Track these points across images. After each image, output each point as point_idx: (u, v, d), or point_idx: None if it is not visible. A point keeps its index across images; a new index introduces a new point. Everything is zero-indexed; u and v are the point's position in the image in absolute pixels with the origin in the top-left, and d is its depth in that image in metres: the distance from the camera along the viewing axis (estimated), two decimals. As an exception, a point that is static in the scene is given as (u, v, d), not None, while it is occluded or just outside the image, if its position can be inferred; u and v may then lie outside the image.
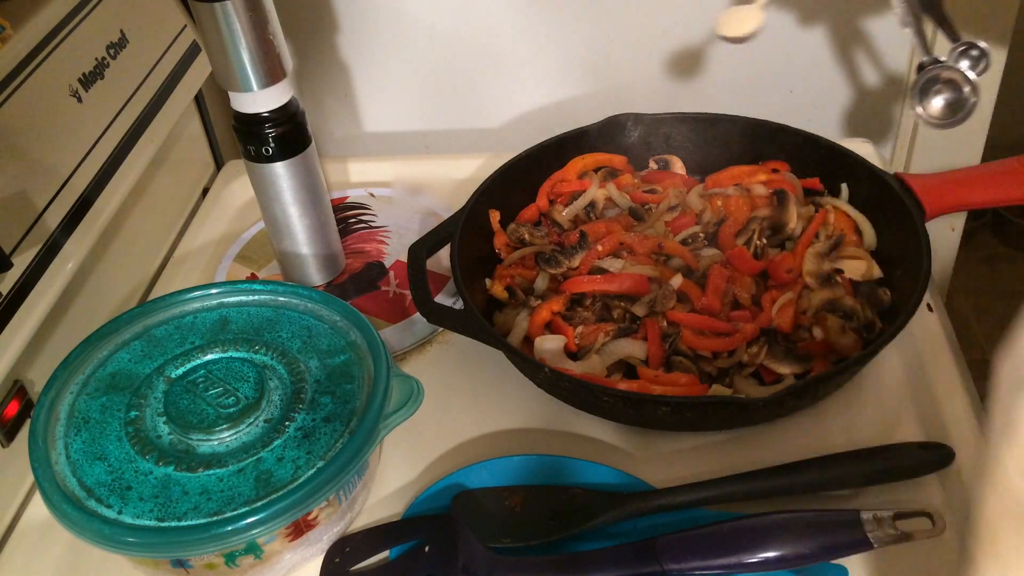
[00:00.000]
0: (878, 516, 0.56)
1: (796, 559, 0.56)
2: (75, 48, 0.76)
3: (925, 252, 0.72)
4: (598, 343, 0.73)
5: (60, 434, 0.61)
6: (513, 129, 1.13)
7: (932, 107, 0.68)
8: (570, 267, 0.80)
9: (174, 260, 0.93)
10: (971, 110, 0.68)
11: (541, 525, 0.62)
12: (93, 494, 0.57)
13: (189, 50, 0.94)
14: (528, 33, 1.06)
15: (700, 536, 0.58)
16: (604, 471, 0.66)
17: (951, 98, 0.68)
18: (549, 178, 0.88)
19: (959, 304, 2.04)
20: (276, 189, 0.79)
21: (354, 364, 0.65)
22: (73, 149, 0.74)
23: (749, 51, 1.05)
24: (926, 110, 0.69)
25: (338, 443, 0.59)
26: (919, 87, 0.68)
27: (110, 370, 0.65)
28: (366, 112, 1.15)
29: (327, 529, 0.62)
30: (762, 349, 0.72)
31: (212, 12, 0.68)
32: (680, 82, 1.09)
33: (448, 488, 0.66)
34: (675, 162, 0.91)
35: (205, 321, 0.69)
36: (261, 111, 0.75)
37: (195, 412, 0.61)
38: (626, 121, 0.91)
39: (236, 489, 0.57)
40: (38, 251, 0.68)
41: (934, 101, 0.69)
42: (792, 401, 0.68)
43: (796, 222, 0.81)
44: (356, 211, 0.97)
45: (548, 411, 0.72)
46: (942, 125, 0.69)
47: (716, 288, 0.75)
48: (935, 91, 0.68)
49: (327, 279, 0.87)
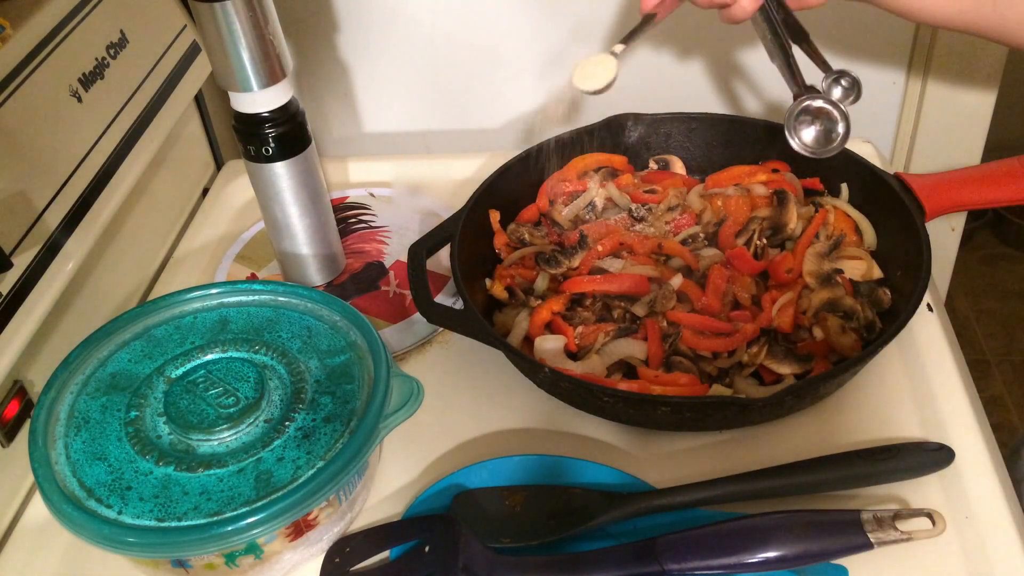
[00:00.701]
0: (878, 516, 0.56)
1: (796, 559, 0.56)
2: (75, 48, 0.76)
3: (925, 252, 0.72)
4: (598, 343, 0.73)
5: (60, 434, 0.61)
6: (513, 129, 1.13)
7: (804, 137, 0.69)
8: (570, 267, 0.80)
9: (174, 260, 0.93)
10: (843, 141, 0.69)
11: (541, 525, 0.62)
12: (93, 494, 0.57)
13: (189, 50, 0.94)
14: (528, 33, 1.06)
15: (700, 536, 0.58)
16: (604, 471, 0.66)
17: (822, 128, 0.68)
18: (549, 178, 0.88)
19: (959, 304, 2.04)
20: (276, 189, 0.79)
21: (354, 364, 0.65)
22: (73, 149, 0.74)
23: (749, 51, 1.05)
24: (800, 140, 0.69)
25: (338, 443, 0.59)
26: (792, 118, 0.68)
27: (110, 370, 0.65)
28: (366, 112, 1.15)
29: (327, 529, 0.62)
30: (762, 349, 0.72)
31: (212, 12, 0.68)
32: (680, 82, 1.09)
33: (448, 488, 0.66)
34: (675, 162, 0.91)
35: (205, 321, 0.69)
36: (261, 111, 0.75)
37: (195, 412, 0.61)
38: (626, 121, 0.91)
39: (236, 489, 0.57)
40: (38, 251, 0.68)
41: (805, 132, 0.69)
42: (792, 401, 0.68)
43: (796, 222, 0.81)
44: (356, 211, 0.97)
45: (548, 411, 0.72)
46: (816, 154, 0.69)
47: (716, 288, 0.75)
48: (807, 121, 0.69)
49: (327, 279, 0.87)
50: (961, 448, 0.65)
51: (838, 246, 0.79)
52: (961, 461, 0.65)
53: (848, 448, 0.65)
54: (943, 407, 0.70)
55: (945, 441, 0.66)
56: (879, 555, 0.56)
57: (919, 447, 0.66)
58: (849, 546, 0.57)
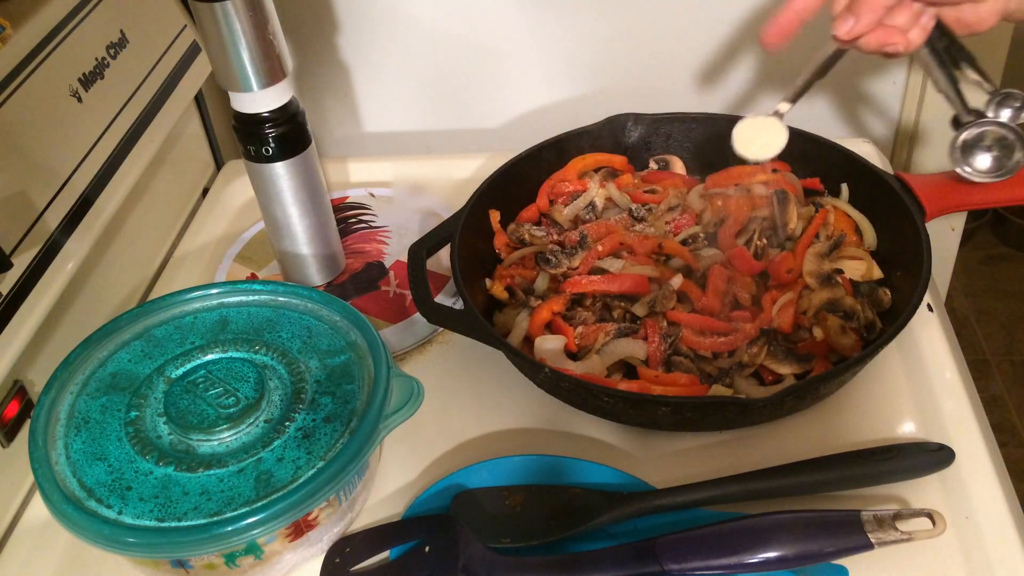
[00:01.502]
0: (878, 516, 0.56)
1: (796, 559, 0.56)
2: (75, 48, 0.76)
3: (925, 252, 0.72)
4: (598, 343, 0.73)
5: (60, 434, 0.61)
6: (513, 129, 1.13)
7: (978, 164, 0.66)
8: (570, 267, 0.80)
9: (174, 260, 0.93)
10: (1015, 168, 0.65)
11: (541, 525, 0.62)
12: (93, 494, 0.57)
13: (189, 50, 0.94)
14: (528, 33, 1.06)
15: (700, 536, 0.58)
16: (604, 471, 0.66)
17: (997, 153, 0.65)
18: (549, 178, 0.88)
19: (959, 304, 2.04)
20: (276, 189, 0.79)
21: (354, 364, 0.65)
22: (73, 149, 0.74)
23: (750, 51, 1.05)
24: (973, 167, 0.66)
25: (338, 443, 0.59)
26: (959, 146, 0.65)
27: (110, 370, 0.65)
28: (366, 112, 1.15)
29: (327, 529, 0.62)
30: (762, 349, 0.72)
31: (212, 12, 0.68)
32: (680, 82, 1.09)
33: (448, 488, 0.66)
34: (675, 162, 0.91)
35: (205, 321, 0.69)
36: (261, 111, 0.75)
37: (195, 412, 0.61)
38: (626, 121, 0.91)
39: (236, 489, 0.57)
40: (38, 251, 0.68)
41: (979, 159, 0.66)
42: (792, 401, 0.68)
43: (796, 222, 0.81)
44: (356, 211, 0.97)
45: (548, 411, 0.72)
46: (990, 180, 0.67)
47: (716, 288, 0.75)
48: (982, 148, 0.66)
49: (327, 279, 0.87)
50: (961, 448, 0.65)
51: (838, 246, 0.79)
52: (961, 461, 0.65)
53: (848, 448, 0.65)
54: (943, 407, 0.70)
55: (945, 441, 0.66)
56: (879, 555, 0.56)
57: (919, 447, 0.66)
58: (849, 546, 0.57)
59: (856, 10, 0.64)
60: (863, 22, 0.64)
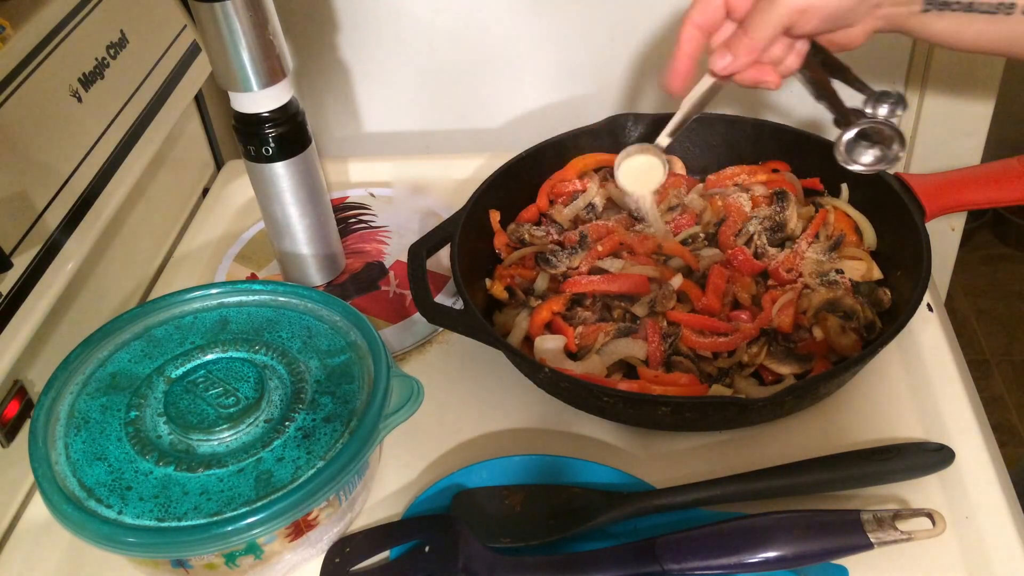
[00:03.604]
0: (878, 516, 0.56)
1: (796, 559, 0.56)
2: (75, 48, 0.76)
3: (925, 252, 0.72)
4: (598, 343, 0.73)
5: (60, 434, 0.61)
6: (513, 129, 1.13)
7: (863, 159, 0.68)
8: (570, 267, 0.80)
9: (174, 260, 0.93)
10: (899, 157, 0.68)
11: (541, 525, 0.62)
12: (93, 494, 0.57)
13: (189, 50, 0.94)
14: (528, 33, 1.06)
15: (700, 536, 0.58)
16: (604, 471, 0.66)
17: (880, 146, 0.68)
18: (549, 178, 0.88)
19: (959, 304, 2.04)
20: (276, 189, 0.79)
21: (354, 364, 0.65)
22: (73, 149, 0.74)
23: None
24: (858, 162, 0.68)
25: (338, 443, 0.59)
26: (844, 145, 0.68)
27: (110, 370, 0.65)
28: (366, 112, 1.15)
29: (327, 529, 0.62)
30: (762, 349, 0.72)
31: (212, 12, 0.68)
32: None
33: (448, 488, 0.66)
34: (675, 162, 0.91)
35: (205, 321, 0.69)
36: (261, 111, 0.75)
37: (195, 412, 0.61)
38: (626, 121, 0.91)
39: (236, 489, 0.57)
40: (38, 251, 0.68)
41: (864, 154, 0.68)
42: (792, 401, 0.68)
43: (796, 222, 0.81)
44: (356, 211, 0.97)
45: (548, 411, 0.72)
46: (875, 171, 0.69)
47: (716, 288, 0.75)
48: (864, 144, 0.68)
49: (327, 279, 0.87)
50: (961, 448, 0.65)
51: (838, 246, 0.79)
52: (961, 461, 0.65)
53: (848, 448, 0.65)
54: (943, 407, 0.70)
55: (945, 441, 0.66)
56: (879, 555, 0.56)
57: (919, 447, 0.66)
58: (849, 546, 0.57)
59: (733, 49, 0.66)
60: (739, 61, 0.66)
